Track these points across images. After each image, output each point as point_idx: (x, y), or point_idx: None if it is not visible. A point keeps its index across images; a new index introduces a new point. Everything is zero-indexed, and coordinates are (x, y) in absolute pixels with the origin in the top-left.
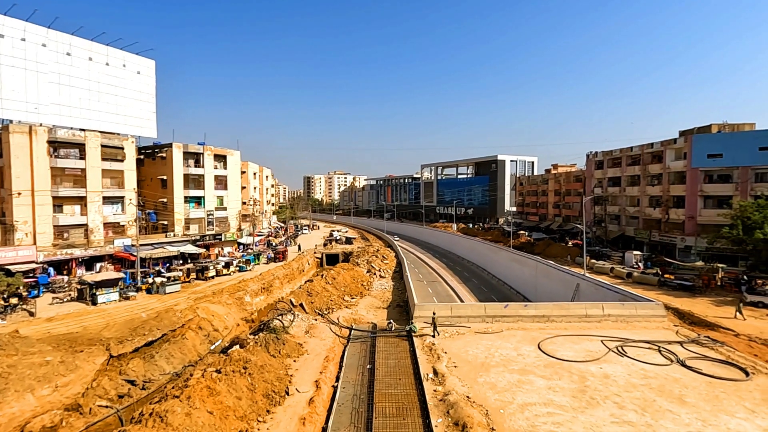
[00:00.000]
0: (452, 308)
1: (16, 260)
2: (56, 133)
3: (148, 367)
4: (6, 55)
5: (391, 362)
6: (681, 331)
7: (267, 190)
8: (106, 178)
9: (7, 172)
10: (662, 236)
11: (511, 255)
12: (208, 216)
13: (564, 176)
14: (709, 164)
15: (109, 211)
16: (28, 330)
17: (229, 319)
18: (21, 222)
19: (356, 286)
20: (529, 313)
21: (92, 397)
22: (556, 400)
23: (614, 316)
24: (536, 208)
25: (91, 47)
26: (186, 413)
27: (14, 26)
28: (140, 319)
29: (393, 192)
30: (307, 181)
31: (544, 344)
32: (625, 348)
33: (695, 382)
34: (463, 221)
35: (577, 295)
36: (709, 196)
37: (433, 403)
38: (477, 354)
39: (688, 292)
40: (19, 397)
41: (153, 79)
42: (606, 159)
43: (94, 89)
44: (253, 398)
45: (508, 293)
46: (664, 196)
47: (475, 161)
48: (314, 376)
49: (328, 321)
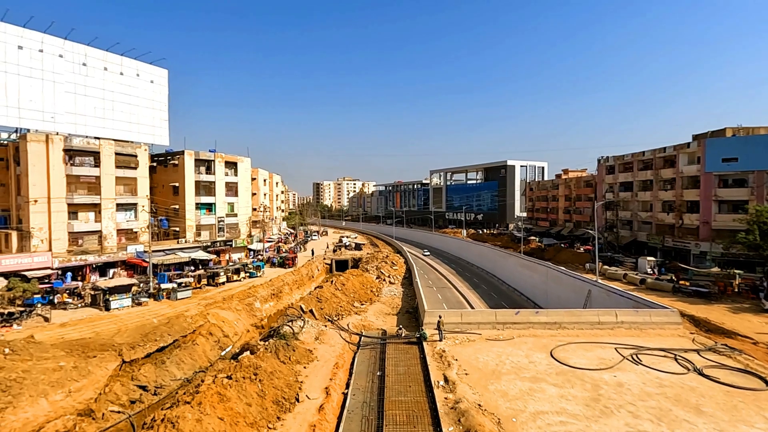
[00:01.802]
0: (462, 315)
1: (32, 266)
2: (72, 142)
3: (160, 373)
4: (25, 66)
5: (401, 369)
6: (697, 339)
7: (277, 196)
8: (120, 185)
9: (24, 180)
10: (676, 242)
11: (521, 261)
12: (219, 222)
13: (574, 181)
14: (723, 168)
15: (122, 218)
16: (43, 335)
17: (239, 325)
18: (37, 229)
19: (366, 293)
20: (540, 319)
21: (104, 402)
22: (569, 408)
23: (628, 324)
24: (546, 213)
25: (106, 57)
26: (197, 419)
27: (32, 38)
28: (152, 324)
29: (402, 198)
30: (317, 188)
31: (556, 351)
32: (640, 356)
33: (712, 392)
34: (472, 227)
35: (589, 301)
36: (724, 201)
37: (444, 411)
38: (488, 361)
39: (703, 298)
40: (33, 402)
41: (166, 87)
42: (617, 164)
43: (108, 98)
44: (263, 405)
45: (519, 299)
46: (677, 201)
47: (484, 167)
48: (324, 382)
49: (337, 327)
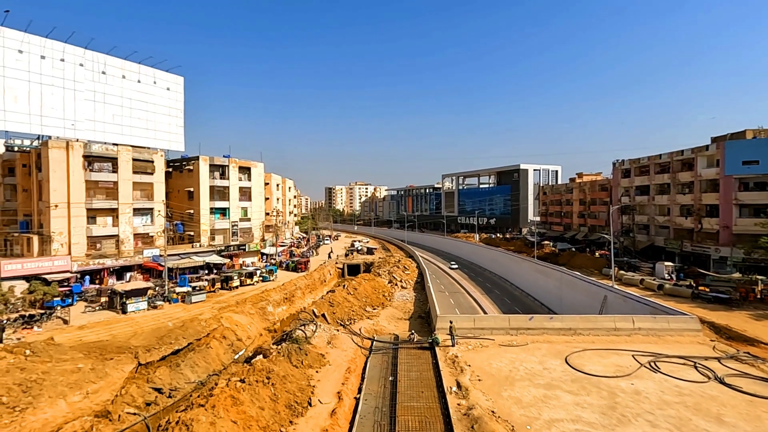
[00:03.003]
0: (475, 320)
1: (52, 270)
2: (91, 148)
3: (174, 376)
4: (47, 75)
5: (413, 374)
6: (718, 347)
7: (289, 200)
8: (137, 191)
9: (45, 186)
10: (695, 246)
11: (535, 266)
12: (233, 227)
13: (589, 185)
14: (744, 171)
15: (139, 222)
16: (62, 337)
17: (252, 329)
18: (57, 233)
19: (378, 297)
20: (554, 325)
21: (120, 404)
22: (585, 416)
23: (645, 330)
24: (560, 217)
25: (124, 65)
26: (210, 422)
27: (54, 48)
28: (167, 327)
29: (414, 202)
30: (329, 192)
31: (571, 358)
32: (658, 363)
33: (734, 401)
34: (485, 231)
35: (605, 307)
36: (745, 205)
37: (457, 417)
38: (501, 367)
39: (724, 305)
40: (53, 403)
41: (182, 94)
42: (633, 167)
43: (126, 105)
44: (276, 409)
45: (532, 305)
46: (695, 205)
47: (497, 171)
48: (336, 387)
49: (349, 332)
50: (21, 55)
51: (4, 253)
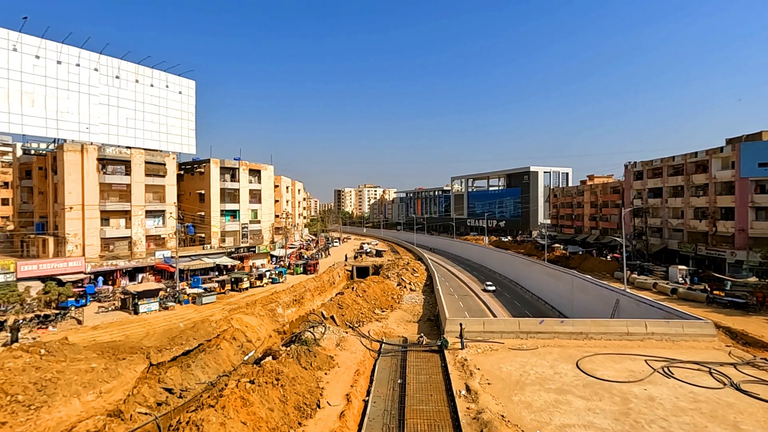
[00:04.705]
0: (485, 323)
1: (66, 270)
2: (105, 151)
3: (185, 376)
4: (63, 79)
5: (422, 377)
6: (734, 352)
7: (299, 203)
8: (149, 193)
9: (60, 188)
10: (709, 250)
11: (546, 269)
12: (243, 229)
13: (600, 187)
14: (760, 173)
15: (151, 224)
16: (76, 337)
17: (261, 331)
18: (72, 235)
19: (386, 300)
20: (565, 329)
21: (132, 403)
22: (597, 422)
23: (658, 335)
24: (571, 220)
25: (138, 70)
26: (221, 423)
27: (70, 53)
28: (178, 328)
29: (423, 205)
30: (338, 195)
31: (583, 362)
32: (672, 369)
33: (751, 408)
34: (494, 234)
35: (617, 311)
36: (762, 208)
37: (466, 422)
38: (511, 371)
39: (740, 309)
40: (67, 402)
41: (193, 98)
42: (645, 169)
43: (139, 109)
44: (285, 410)
45: (543, 308)
46: (710, 208)
47: (506, 173)
48: (345, 389)
49: (358, 334)
50: (38, 60)
51: (20, 254)
